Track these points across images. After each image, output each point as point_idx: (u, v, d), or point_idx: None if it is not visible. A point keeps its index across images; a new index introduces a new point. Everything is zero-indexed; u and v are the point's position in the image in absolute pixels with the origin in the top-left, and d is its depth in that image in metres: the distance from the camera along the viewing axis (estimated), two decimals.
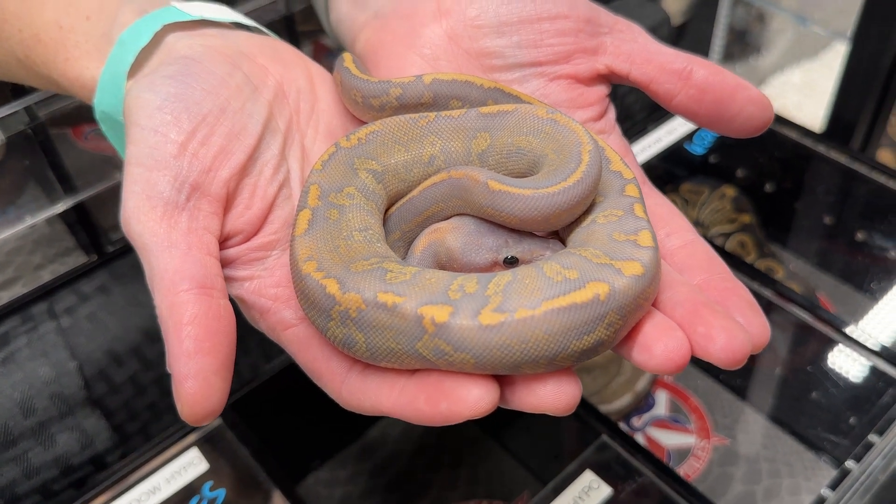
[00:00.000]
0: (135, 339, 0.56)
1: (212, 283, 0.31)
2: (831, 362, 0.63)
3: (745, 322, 0.31)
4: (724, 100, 0.37)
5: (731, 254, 0.68)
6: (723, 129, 0.38)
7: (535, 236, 0.34)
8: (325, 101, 0.40)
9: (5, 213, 0.54)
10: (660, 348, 0.29)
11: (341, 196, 0.34)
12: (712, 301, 0.31)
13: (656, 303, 0.31)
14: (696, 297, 0.31)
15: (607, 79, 0.40)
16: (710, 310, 0.30)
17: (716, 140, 0.82)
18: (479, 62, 0.40)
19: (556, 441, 0.62)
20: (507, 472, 0.66)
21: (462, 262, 0.33)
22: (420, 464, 0.67)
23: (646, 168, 0.77)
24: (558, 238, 0.34)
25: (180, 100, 0.34)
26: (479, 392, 0.28)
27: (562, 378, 0.29)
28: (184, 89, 0.34)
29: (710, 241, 0.78)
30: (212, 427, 0.57)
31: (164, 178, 0.32)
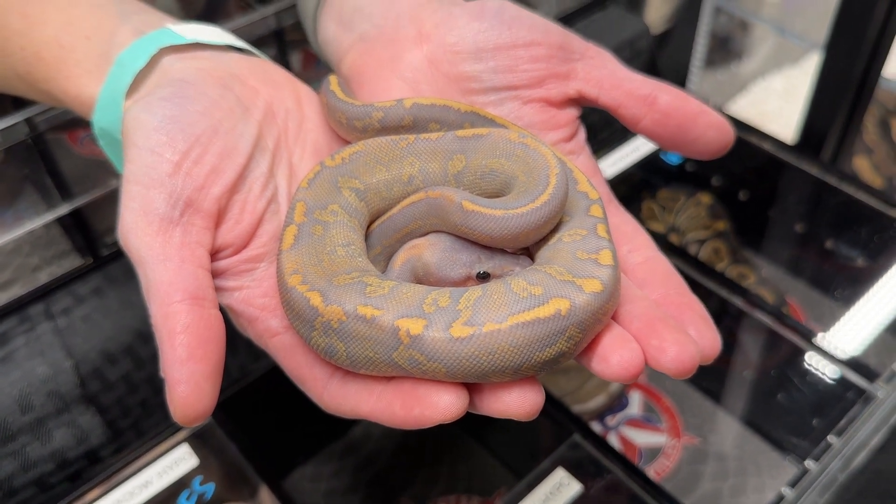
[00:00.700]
0: (128, 339, 0.58)
1: (203, 295, 0.33)
2: (797, 367, 0.66)
3: (698, 334, 0.34)
4: (686, 124, 0.40)
5: (705, 263, 0.71)
6: (685, 152, 0.41)
7: (505, 253, 0.36)
8: (312, 120, 0.42)
9: (3, 216, 0.56)
10: (616, 359, 0.31)
11: (326, 213, 0.36)
12: (667, 315, 0.33)
13: (616, 315, 0.33)
14: (652, 311, 0.33)
15: (578, 102, 0.42)
16: (665, 324, 0.32)
17: None
18: (457, 85, 0.42)
19: (533, 440, 0.64)
20: (485, 469, 0.68)
21: (438, 276, 0.36)
22: (402, 460, 0.70)
23: (624, 176, 0.80)
24: (528, 254, 0.37)
25: (175, 121, 0.36)
26: (449, 398, 0.30)
27: (526, 386, 0.31)
28: (178, 111, 0.36)
29: (685, 247, 0.81)
30: (202, 424, 0.58)
31: (160, 196, 0.34)
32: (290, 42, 0.63)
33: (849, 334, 0.66)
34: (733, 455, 0.68)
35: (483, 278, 0.35)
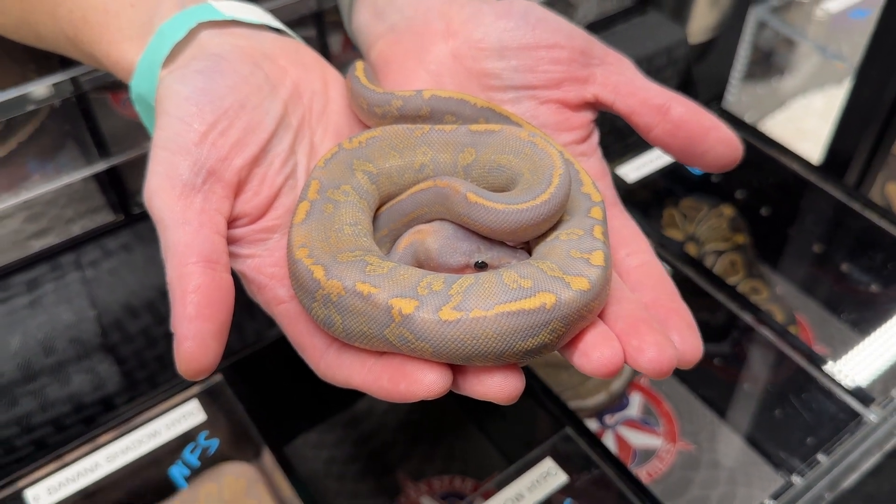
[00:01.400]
0: (150, 295, 0.60)
1: (217, 258, 0.35)
2: (797, 386, 0.67)
3: (681, 340, 0.35)
4: (697, 137, 0.41)
5: (718, 276, 0.72)
6: (693, 163, 0.42)
7: (505, 245, 0.37)
8: (337, 103, 0.44)
9: (45, 169, 0.58)
10: (596, 355, 0.33)
11: (338, 192, 0.38)
12: (652, 318, 0.35)
13: (603, 314, 0.35)
14: (637, 313, 0.35)
15: (594, 106, 0.43)
16: (648, 326, 0.34)
17: None
18: (478, 81, 0.43)
19: (529, 429, 0.66)
20: (481, 454, 0.70)
21: (438, 261, 0.37)
22: (402, 437, 0.72)
23: (647, 183, 0.80)
24: (527, 249, 0.38)
25: (206, 94, 0.38)
26: (433, 377, 0.32)
27: (508, 372, 0.32)
28: (210, 84, 0.38)
29: (703, 257, 0.82)
30: (213, 382, 0.61)
31: (185, 163, 0.36)
32: (329, 23, 0.64)
33: (852, 360, 0.66)
34: (726, 464, 0.69)
35: (480, 268, 0.37)
